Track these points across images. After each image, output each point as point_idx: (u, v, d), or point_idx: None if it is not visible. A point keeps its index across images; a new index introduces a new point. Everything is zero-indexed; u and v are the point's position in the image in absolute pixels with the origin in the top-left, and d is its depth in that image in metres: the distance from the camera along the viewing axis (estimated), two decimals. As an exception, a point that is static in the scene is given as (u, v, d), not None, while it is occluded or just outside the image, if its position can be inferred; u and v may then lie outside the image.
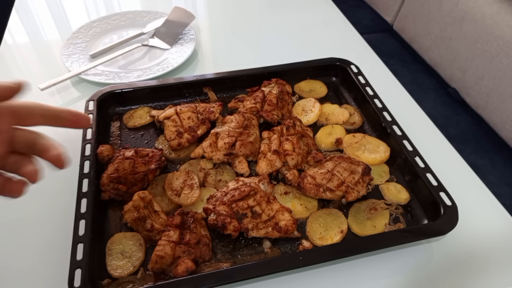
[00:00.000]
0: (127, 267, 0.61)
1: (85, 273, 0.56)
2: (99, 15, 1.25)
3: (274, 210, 0.66)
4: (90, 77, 0.95)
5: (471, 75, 1.35)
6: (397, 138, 0.77)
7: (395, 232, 0.64)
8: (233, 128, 0.78)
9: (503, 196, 0.79)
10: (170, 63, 1.01)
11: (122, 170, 0.70)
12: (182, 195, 0.70)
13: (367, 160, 0.76)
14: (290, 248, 0.65)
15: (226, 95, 0.92)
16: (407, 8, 1.66)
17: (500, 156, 1.23)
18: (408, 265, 0.65)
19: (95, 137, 0.75)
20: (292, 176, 0.72)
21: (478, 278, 0.64)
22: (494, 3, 1.27)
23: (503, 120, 1.24)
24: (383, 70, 1.06)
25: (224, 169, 0.76)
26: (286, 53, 1.11)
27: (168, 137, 0.79)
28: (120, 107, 0.88)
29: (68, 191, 0.70)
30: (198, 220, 0.65)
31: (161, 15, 1.17)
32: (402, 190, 0.73)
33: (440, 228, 0.63)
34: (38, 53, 1.08)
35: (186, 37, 1.10)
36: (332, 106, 0.89)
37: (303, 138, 0.79)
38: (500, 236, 0.69)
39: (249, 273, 0.57)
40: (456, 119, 1.36)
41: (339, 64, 0.95)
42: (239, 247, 0.65)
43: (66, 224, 0.65)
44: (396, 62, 1.59)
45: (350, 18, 1.26)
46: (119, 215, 0.69)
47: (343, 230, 0.67)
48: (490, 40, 1.26)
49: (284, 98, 0.87)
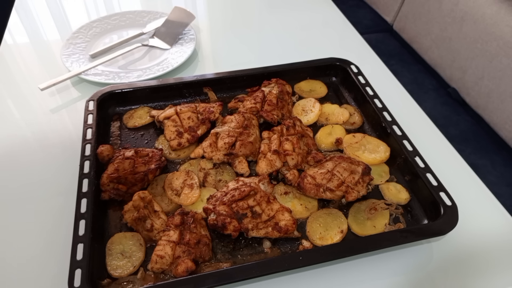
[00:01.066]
0: (127, 267, 0.61)
1: (85, 273, 0.56)
2: (99, 15, 1.25)
3: (274, 210, 0.66)
4: (90, 77, 0.95)
5: (471, 75, 1.35)
6: (397, 138, 0.77)
7: (395, 232, 0.64)
8: (233, 128, 0.78)
9: (503, 196, 0.79)
10: (170, 63, 1.01)
11: (122, 170, 0.70)
12: (182, 195, 0.70)
13: (367, 160, 0.76)
14: (290, 248, 0.65)
15: (226, 95, 0.92)
16: (407, 8, 1.66)
17: (500, 156, 1.23)
18: (408, 265, 0.65)
19: (95, 137, 0.75)
20: (292, 176, 0.72)
21: (478, 278, 0.64)
22: (494, 3, 1.27)
23: (503, 120, 1.24)
24: (383, 70, 1.06)
25: (224, 169, 0.76)
26: (286, 53, 1.11)
27: (168, 137, 0.79)
28: (120, 107, 0.88)
29: (68, 191, 0.70)
30: (198, 220, 0.65)
31: (161, 15, 1.17)
32: (402, 190, 0.73)
33: (440, 228, 0.63)
34: (38, 53, 1.08)
35: (186, 37, 1.10)
36: (332, 106, 0.89)
37: (303, 138, 0.79)
38: (500, 236, 0.69)
39: (249, 273, 0.57)
40: (456, 119, 1.36)
41: (339, 64, 0.95)
42: (239, 247, 0.65)
43: (66, 224, 0.65)
44: (396, 62, 1.59)
45: (350, 18, 1.26)
46: (119, 215, 0.68)
47: (343, 230, 0.66)
48: (490, 40, 1.26)
49: (284, 98, 0.87)
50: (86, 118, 0.79)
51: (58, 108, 0.91)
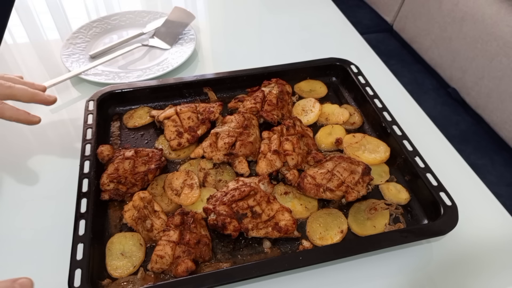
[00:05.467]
0: (127, 267, 0.61)
1: (85, 273, 0.56)
2: (99, 15, 1.25)
3: (274, 210, 0.66)
4: (90, 77, 0.95)
5: (471, 75, 1.35)
6: (397, 138, 0.77)
7: (395, 232, 0.64)
8: (233, 128, 0.78)
9: (503, 196, 0.79)
10: (170, 63, 1.01)
11: (122, 170, 0.70)
12: (182, 195, 0.70)
13: (367, 160, 0.76)
14: (290, 248, 0.65)
15: (226, 95, 0.92)
16: (407, 8, 1.66)
17: (500, 156, 1.23)
18: (408, 265, 0.65)
19: (95, 137, 0.75)
20: (292, 176, 0.72)
21: (478, 278, 0.64)
22: (494, 3, 1.27)
23: (503, 120, 1.24)
24: (383, 70, 1.06)
25: (224, 169, 0.76)
26: (286, 53, 1.11)
27: (168, 137, 0.79)
28: (120, 107, 0.88)
29: (68, 191, 0.70)
30: (198, 220, 0.65)
31: (161, 15, 1.17)
32: (402, 190, 0.73)
33: (440, 228, 0.63)
34: (38, 53, 1.08)
35: (186, 37, 1.10)
36: (332, 106, 0.89)
37: (303, 138, 0.79)
38: (500, 236, 0.69)
39: (249, 273, 0.57)
40: (456, 119, 1.36)
41: (339, 64, 0.95)
42: (239, 247, 0.65)
43: (66, 224, 0.65)
44: (396, 62, 1.59)
45: (350, 18, 1.26)
46: (119, 215, 0.69)
47: (343, 230, 0.66)
48: (490, 40, 1.26)
49: (284, 98, 0.87)
50: (86, 118, 0.79)
51: (58, 108, 0.91)
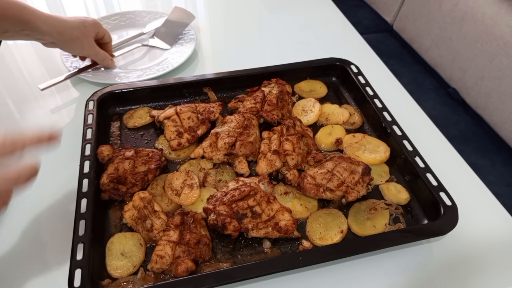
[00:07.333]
0: (127, 267, 0.61)
1: (85, 273, 0.56)
2: (99, 15, 1.25)
3: (274, 210, 0.66)
4: (90, 77, 0.95)
5: (471, 75, 1.35)
6: (397, 138, 0.77)
7: (395, 232, 0.64)
8: (233, 128, 0.78)
9: (503, 196, 0.78)
10: (170, 63, 1.01)
11: (122, 170, 0.70)
12: (182, 195, 0.70)
13: (367, 160, 0.76)
14: (290, 248, 0.65)
15: (226, 95, 0.92)
16: (407, 8, 1.66)
17: (500, 156, 1.23)
18: (408, 265, 0.65)
19: (95, 137, 0.75)
20: (292, 176, 0.72)
21: (478, 278, 0.64)
22: (494, 3, 1.27)
23: (503, 120, 1.24)
24: (383, 70, 1.06)
25: (224, 169, 0.76)
26: (286, 53, 1.11)
27: (168, 137, 0.79)
28: (120, 107, 0.88)
29: (68, 191, 0.70)
30: (198, 220, 0.65)
31: (161, 15, 1.17)
32: (402, 190, 0.73)
33: (440, 228, 0.63)
34: (38, 53, 1.08)
35: (186, 37, 1.10)
36: (332, 106, 0.89)
37: (303, 138, 0.79)
38: (500, 236, 0.69)
39: (249, 273, 0.57)
40: (456, 119, 1.36)
41: (339, 64, 0.94)
42: (239, 247, 0.65)
43: (66, 224, 0.65)
44: (396, 62, 1.59)
45: (350, 18, 1.26)
46: (119, 215, 0.68)
47: (343, 230, 0.66)
48: (490, 40, 1.26)
49: (284, 98, 0.87)
50: (86, 118, 0.79)
51: (58, 108, 0.91)
